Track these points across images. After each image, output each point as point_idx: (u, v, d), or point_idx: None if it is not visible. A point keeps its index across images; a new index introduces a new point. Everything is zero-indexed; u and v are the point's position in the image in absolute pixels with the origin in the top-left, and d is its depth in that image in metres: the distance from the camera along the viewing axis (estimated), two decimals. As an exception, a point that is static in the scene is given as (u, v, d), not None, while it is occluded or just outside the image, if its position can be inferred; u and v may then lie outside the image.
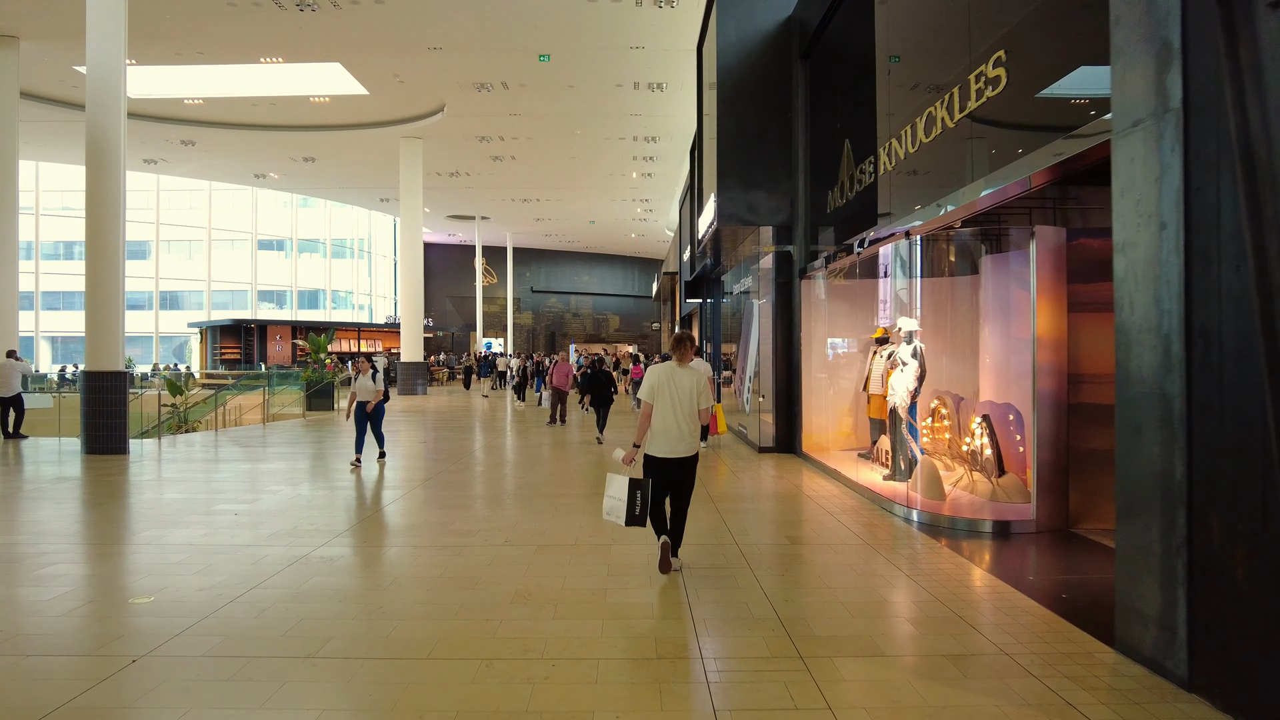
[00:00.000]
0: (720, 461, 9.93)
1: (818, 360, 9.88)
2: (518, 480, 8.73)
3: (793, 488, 8.04)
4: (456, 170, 29.27)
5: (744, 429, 11.72)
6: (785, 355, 10.30)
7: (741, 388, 11.72)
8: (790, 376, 10.23)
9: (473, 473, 9.21)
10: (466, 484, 8.42)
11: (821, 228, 9.67)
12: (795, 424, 10.11)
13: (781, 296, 10.32)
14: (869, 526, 6.24)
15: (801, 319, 9.86)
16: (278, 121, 24.28)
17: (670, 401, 4.71)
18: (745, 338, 11.55)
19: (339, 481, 8.54)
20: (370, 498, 7.60)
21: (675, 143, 25.18)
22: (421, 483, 8.44)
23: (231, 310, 36.14)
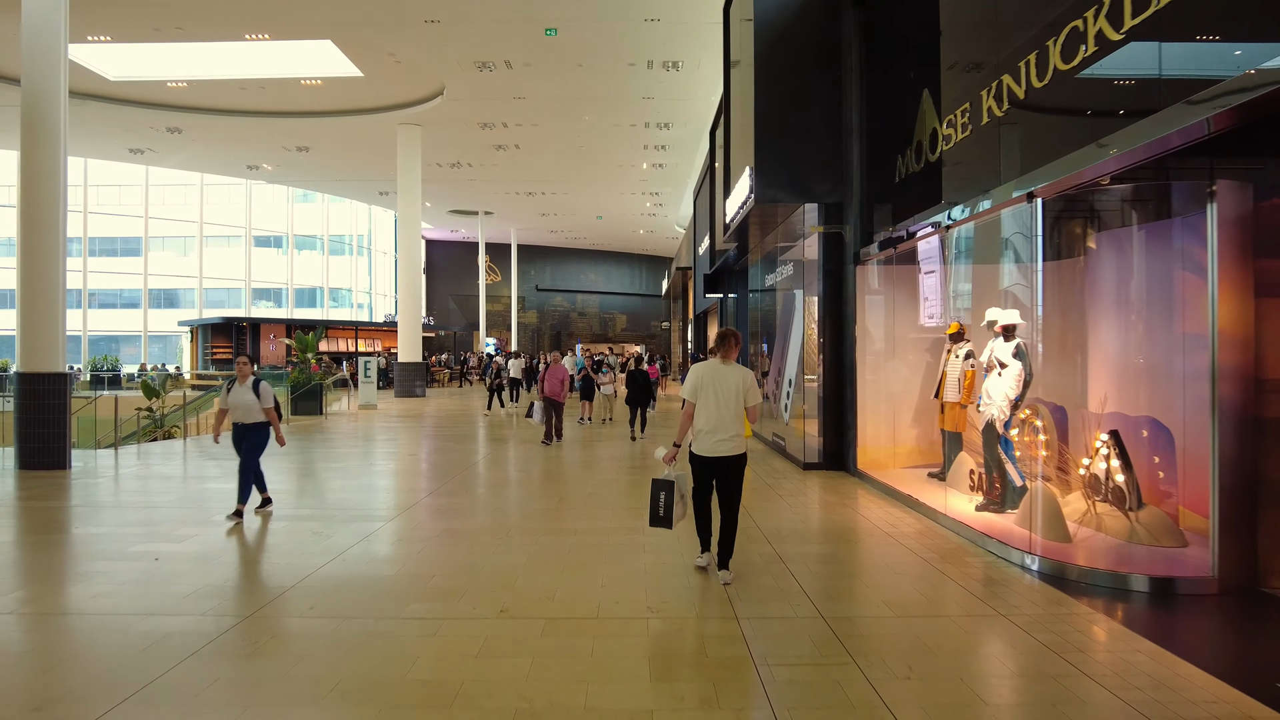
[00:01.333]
0: (758, 480, 8.41)
1: (876, 361, 8.36)
2: (519, 510, 7.23)
3: (860, 520, 6.51)
4: (458, 161, 27.82)
5: (781, 440, 10.20)
6: (835, 355, 8.78)
7: (779, 393, 10.19)
8: (841, 380, 8.71)
9: (463, 497, 7.71)
10: (455, 513, 6.92)
11: (881, 204, 8.15)
12: (848, 436, 8.58)
13: (830, 286, 8.80)
14: (984, 581, 4.72)
15: (856, 312, 8.34)
16: (268, 107, 22.87)
17: (715, 399, 4.57)
18: (783, 335, 10.02)
19: (305, 505, 7.06)
20: (344, 525, 6.12)
21: (689, 130, 23.67)
22: (402, 510, 6.95)
23: (227, 309, 34.81)
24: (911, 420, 8.14)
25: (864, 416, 8.31)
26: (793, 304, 9.63)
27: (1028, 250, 5.38)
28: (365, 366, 18.57)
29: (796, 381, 9.39)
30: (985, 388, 6.15)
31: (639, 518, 6.25)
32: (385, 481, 8.40)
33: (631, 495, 7.35)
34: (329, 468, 9.58)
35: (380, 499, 7.35)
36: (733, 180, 11.38)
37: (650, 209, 36.25)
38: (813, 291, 9.07)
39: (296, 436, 13.21)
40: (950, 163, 6.29)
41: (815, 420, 9.00)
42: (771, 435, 10.81)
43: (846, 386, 8.60)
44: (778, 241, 10.83)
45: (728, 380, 4.61)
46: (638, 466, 9.39)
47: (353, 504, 7.13)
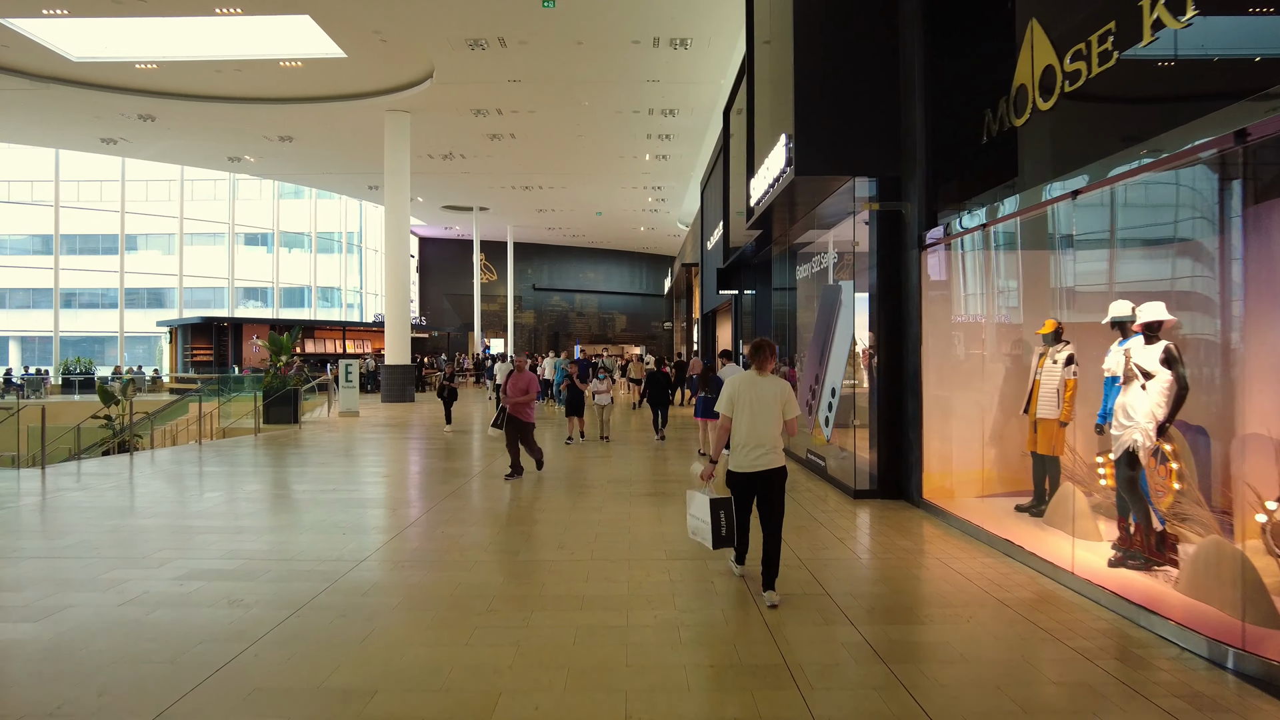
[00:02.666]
0: (800, 511, 6.93)
1: (946, 366, 6.89)
2: (510, 562, 5.73)
3: (953, 575, 5.03)
4: (450, 151, 26.35)
5: (819, 459, 8.71)
6: (892, 359, 7.31)
7: (816, 404, 8.71)
8: (900, 389, 7.23)
9: (438, 539, 6.23)
10: (424, 564, 5.43)
11: (954, 174, 6.69)
12: (909, 457, 7.10)
13: (886, 276, 7.32)
14: (1191, 698, 3.23)
15: (920, 307, 6.86)
16: (247, 93, 21.37)
17: (751, 412, 4.44)
18: (820, 336, 8.54)
19: (234, 554, 5.56)
20: (272, 588, 4.63)
21: (696, 119, 22.22)
22: (355, 563, 5.45)
23: (211, 310, 33.30)
24: (989, 439, 6.67)
25: (930, 434, 6.83)
26: (834, 299, 8.14)
27: (1206, 220, 3.89)
28: (347, 370, 17.05)
29: (839, 390, 7.91)
30: (1122, 404, 4.68)
31: (668, 584, 4.79)
32: (343, 516, 6.89)
33: (654, 546, 5.85)
34: (281, 495, 8.08)
35: (329, 544, 5.85)
36: (757, 160, 9.91)
37: (652, 204, 34.79)
38: (862, 284, 7.58)
39: (258, 451, 11.70)
40: (1074, 109, 4.81)
41: (865, 437, 7.52)
42: (806, 453, 9.32)
43: (907, 397, 7.12)
44: (813, 226, 9.35)
45: (765, 393, 4.47)
46: (658, 494, 7.90)
47: (294, 551, 5.63)
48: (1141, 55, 4.14)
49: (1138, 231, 5.11)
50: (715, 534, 4.54)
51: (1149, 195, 4.65)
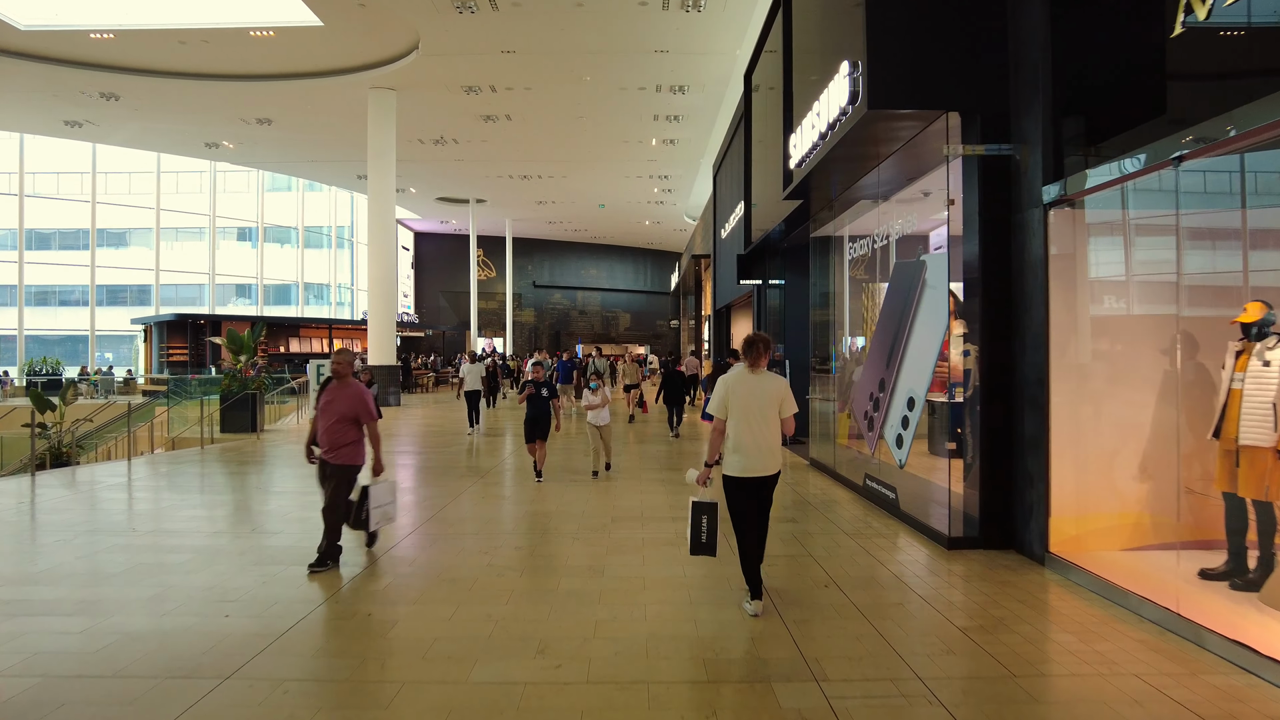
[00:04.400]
0: (868, 572, 5.05)
1: (1086, 369, 5.00)
2: (469, 664, 3.85)
3: (1138, 689, 3.18)
4: (442, 136, 24.48)
5: (886, 490, 6.79)
6: (1001, 359, 5.42)
7: (879, 417, 6.80)
8: (1014, 401, 5.35)
9: (373, 616, 4.34)
10: (348, 657, 3.55)
11: (1094, 103, 4.80)
12: (1027, 495, 5.21)
13: (990, 247, 5.43)
14: None
15: (1046, 289, 4.96)
16: (216, 69, 19.52)
17: (749, 412, 4.12)
18: (888, 329, 6.64)
19: (97, 639, 3.70)
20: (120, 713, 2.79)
21: (708, 97, 20.32)
22: (255, 651, 3.58)
23: (193, 307, 31.51)
24: (1151, 470, 4.76)
25: (1061, 462, 4.95)
26: (913, 280, 6.23)
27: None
28: (318, 372, 15.18)
29: (921, 399, 5.98)
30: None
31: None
32: (255, 576, 5.02)
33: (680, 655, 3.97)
34: (192, 538, 6.20)
35: (213, 638, 4.00)
36: (797, 112, 8.03)
37: (658, 195, 32.89)
38: (955, 261, 5.68)
39: (184, 470, 9.83)
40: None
41: (956, 464, 5.61)
42: (865, 479, 7.40)
43: (1024, 411, 5.23)
44: (873, 190, 7.44)
45: (760, 390, 4.18)
46: (673, 540, 6.01)
47: (175, 646, 3.77)
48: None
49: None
50: (694, 539, 4.23)
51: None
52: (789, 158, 8.21)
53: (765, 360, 4.28)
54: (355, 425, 5.26)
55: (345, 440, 5.20)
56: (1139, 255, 4.95)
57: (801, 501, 7.24)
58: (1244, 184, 4.31)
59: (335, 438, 5.18)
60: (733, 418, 4.15)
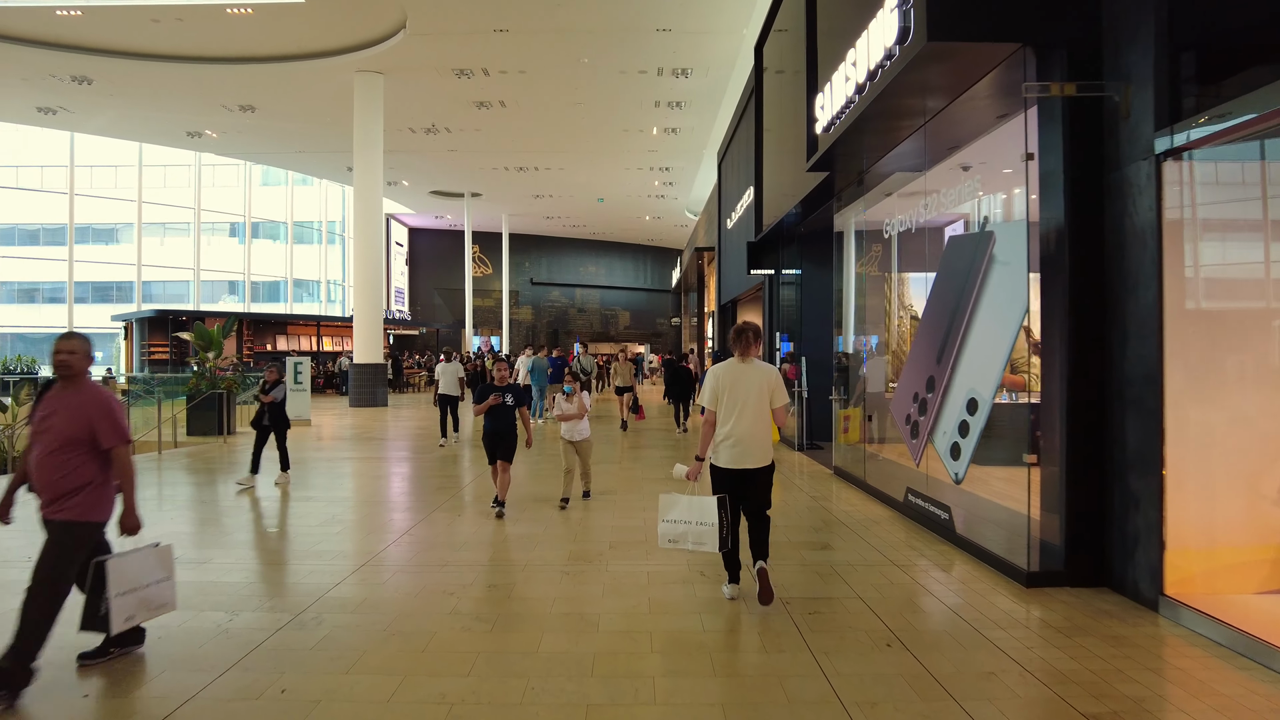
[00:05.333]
0: (940, 610, 3.99)
1: (1216, 365, 3.95)
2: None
3: None
4: (433, 124, 23.41)
5: (937, 509, 5.72)
6: (1093, 352, 4.37)
7: (931, 421, 5.73)
8: (1112, 404, 4.30)
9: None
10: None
11: (1223, 27, 3.75)
12: (1131, 521, 4.16)
13: (1079, 210, 4.39)
14: None
15: (1159, 261, 3.91)
16: (193, 50, 18.45)
17: (737, 403, 4.04)
18: (945, 316, 5.56)
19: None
20: None
21: (712, 80, 19.27)
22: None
23: (178, 304, 30.42)
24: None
25: (1180, 481, 3.89)
26: (973, 256, 5.15)
27: None
28: (296, 370, 14.11)
29: (986, 402, 4.91)
30: None
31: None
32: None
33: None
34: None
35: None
36: (823, 67, 6.99)
37: (659, 188, 31.85)
38: (1041, 223, 4.62)
39: (167, 476, 8.77)
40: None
41: (1032, 481, 4.54)
42: (906, 495, 6.33)
43: (1127, 417, 4.17)
44: (915, 156, 6.37)
45: (750, 381, 4.07)
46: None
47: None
48: None
49: None
50: (720, 534, 4.01)
51: None
52: (814, 122, 7.14)
53: (755, 350, 4.16)
54: (90, 455, 3.23)
55: (71, 482, 3.18)
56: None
57: (832, 521, 6.18)
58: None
59: (53, 476, 3.17)
60: (723, 409, 4.07)
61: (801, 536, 5.67)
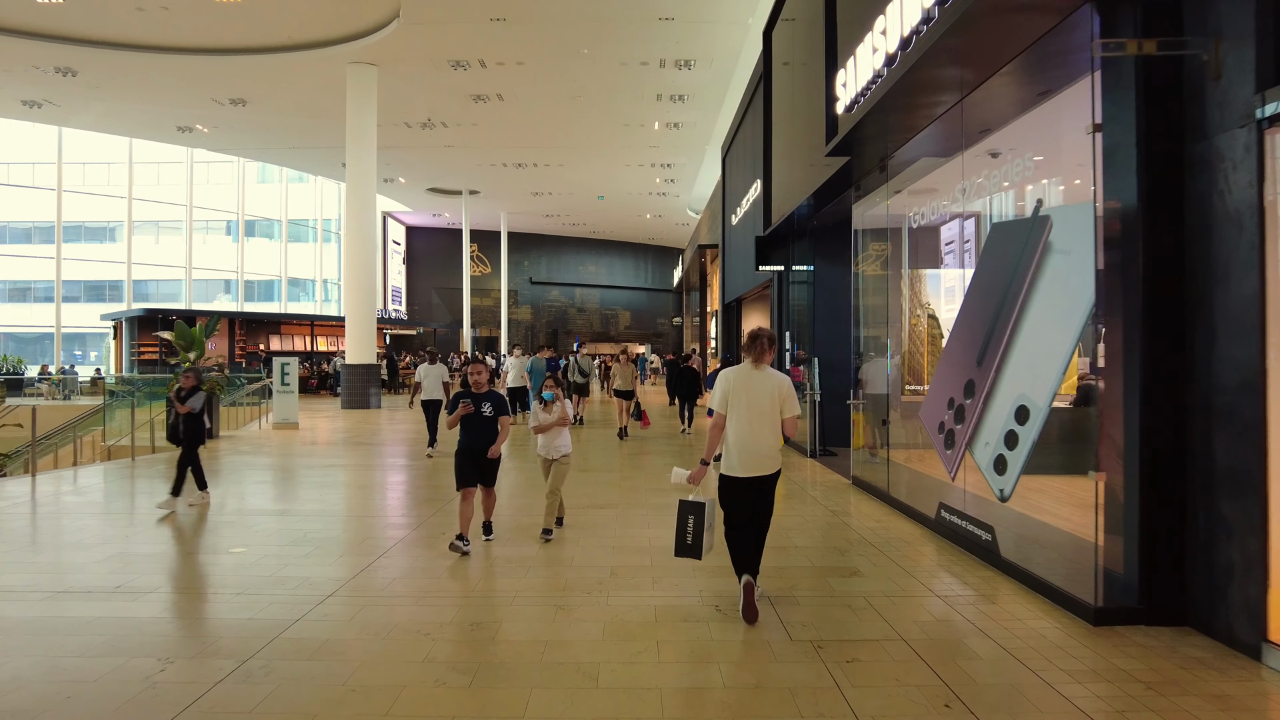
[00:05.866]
0: (978, 672, 3.41)
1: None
2: None
3: None
4: (429, 118, 22.82)
5: (978, 530, 5.11)
6: (1172, 351, 3.76)
7: (969, 429, 5.12)
8: (1205, 412, 3.69)
9: None
10: None
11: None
12: (1221, 551, 3.58)
13: (1155, 187, 3.78)
14: None
15: (1262, 245, 3.30)
16: (180, 41, 17.86)
17: (747, 410, 3.96)
18: (988, 312, 4.95)
19: None
20: None
21: (716, 73, 18.68)
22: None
23: (174, 302, 29.86)
24: None
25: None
26: (1021, 246, 4.55)
27: None
28: (283, 371, 13.51)
29: (1042, 410, 4.30)
30: None
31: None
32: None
33: None
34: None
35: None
36: (843, 37, 6.39)
37: (660, 186, 31.26)
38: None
39: (81, 492, 8.17)
40: None
41: (1096, 501, 3.94)
42: (939, 512, 5.73)
43: (1216, 431, 3.57)
44: (950, 140, 5.77)
45: (761, 388, 3.99)
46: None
47: None
48: None
49: None
50: (680, 540, 3.96)
51: None
52: (834, 102, 6.54)
53: (769, 357, 4.09)
54: None
55: None
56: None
57: (857, 540, 5.57)
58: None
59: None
60: (732, 415, 4.01)
61: (825, 560, 5.07)
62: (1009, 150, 4.93)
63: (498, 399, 5.33)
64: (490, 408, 5.25)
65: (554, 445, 5.60)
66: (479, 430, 5.21)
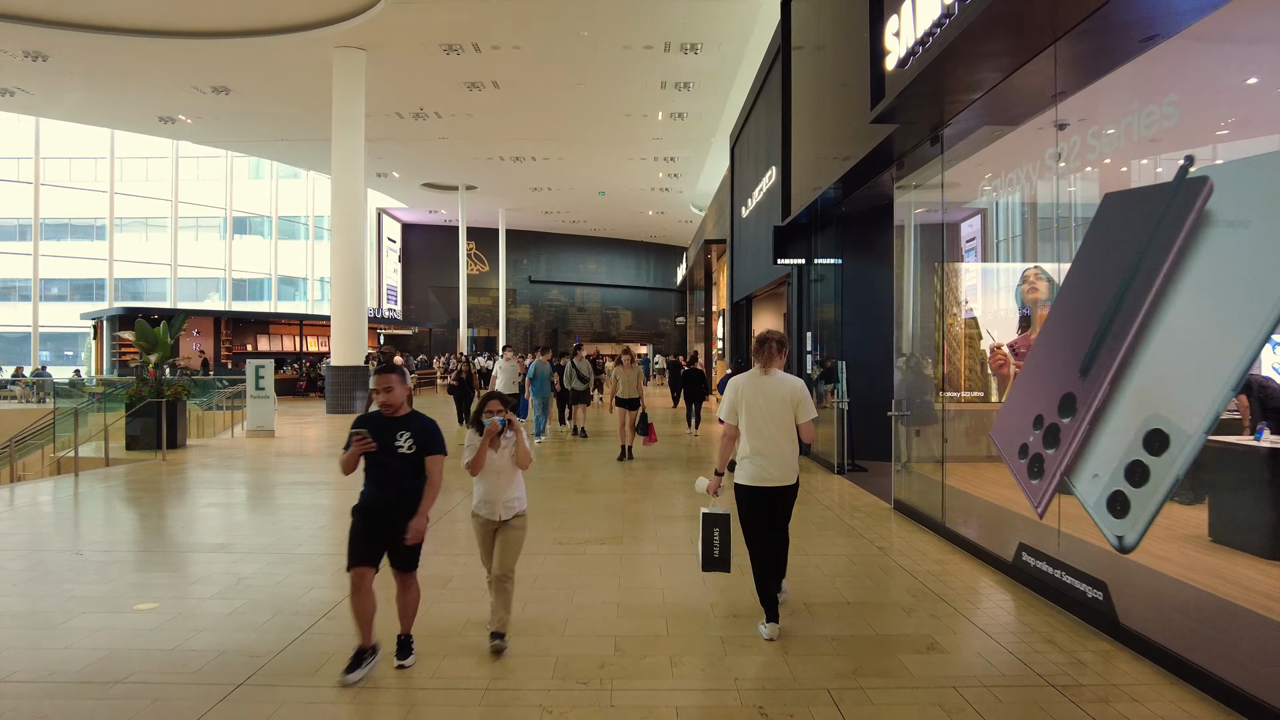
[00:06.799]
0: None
1: None
2: None
3: None
4: (421, 108, 21.78)
5: (1083, 584, 4.01)
6: None
7: (1062, 457, 4.02)
8: None
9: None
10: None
11: None
12: None
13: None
14: None
15: None
16: (156, 23, 16.80)
17: (760, 417, 3.81)
18: (1114, 304, 3.84)
19: None
20: None
21: (724, 57, 17.63)
22: None
23: (160, 301, 28.84)
24: None
25: None
26: (1154, 220, 3.47)
27: None
28: (258, 373, 12.46)
29: (1194, 442, 3.23)
30: None
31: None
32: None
33: None
34: None
35: None
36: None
37: (664, 181, 30.18)
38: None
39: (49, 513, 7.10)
40: None
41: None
42: (1020, 554, 4.65)
43: None
44: (1023, 102, 4.69)
45: (773, 393, 3.84)
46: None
47: None
48: None
49: None
50: (706, 554, 3.87)
51: None
52: (882, 57, 5.47)
53: (779, 361, 3.95)
54: None
55: None
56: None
57: (920, 592, 4.49)
58: None
59: None
60: (744, 423, 3.85)
61: (890, 623, 3.99)
62: (1131, 97, 3.84)
63: (423, 428, 3.40)
64: (410, 442, 3.34)
65: (502, 499, 3.61)
66: (390, 477, 3.35)
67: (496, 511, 3.62)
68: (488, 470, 3.61)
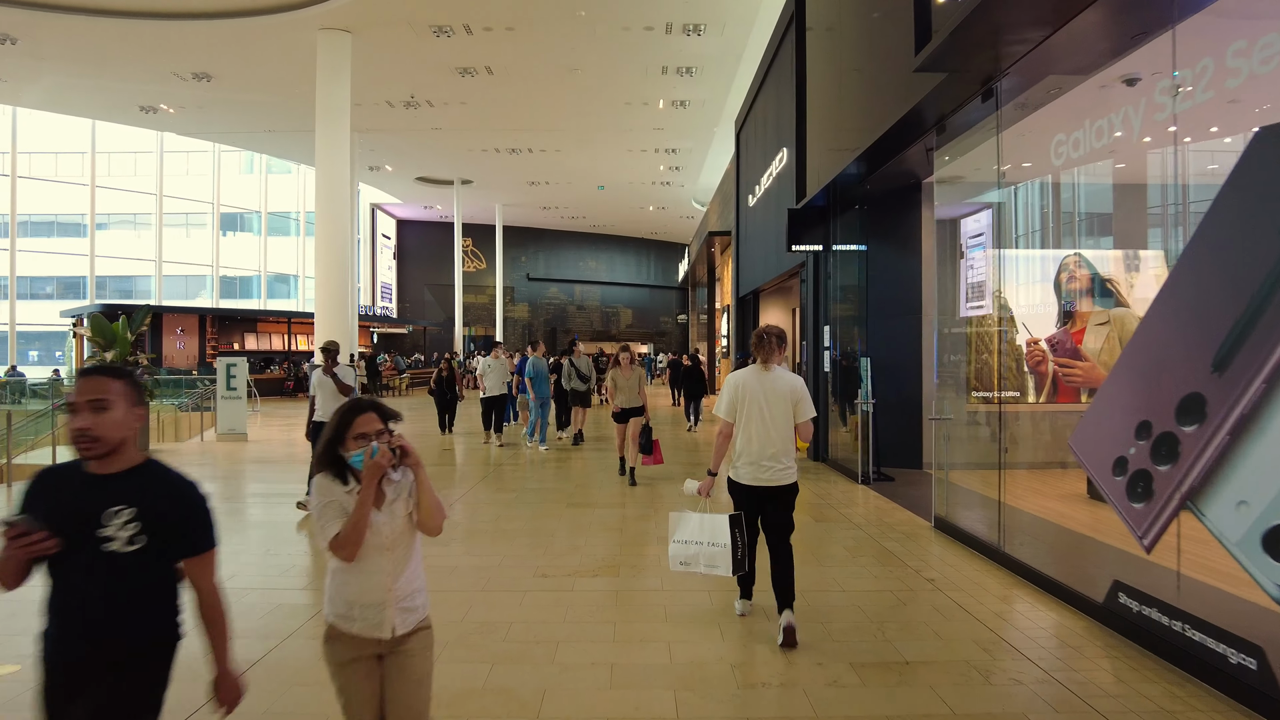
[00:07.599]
0: None
1: None
2: None
3: None
4: (412, 96, 20.85)
5: (1220, 645, 3.11)
6: None
7: (1180, 475, 3.11)
8: None
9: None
10: None
11: None
12: None
13: None
14: None
15: None
16: (130, 4, 15.90)
17: (759, 414, 3.71)
18: (1232, 304, 2.91)
19: None
20: None
21: (728, 39, 16.70)
22: None
23: (146, 299, 27.96)
24: None
25: None
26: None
27: None
28: (230, 373, 11.55)
29: None
30: None
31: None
32: None
33: None
34: None
35: None
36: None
37: (664, 174, 29.26)
38: None
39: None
40: None
41: None
42: (1116, 593, 3.74)
43: None
44: (1108, 31, 3.79)
45: (772, 391, 3.74)
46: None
47: None
48: None
49: None
50: (734, 556, 3.69)
51: None
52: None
53: (779, 357, 3.80)
54: None
55: None
56: None
57: (993, 643, 3.58)
58: None
59: None
60: (741, 421, 3.75)
61: (968, 699, 3.07)
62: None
63: (165, 497, 1.81)
64: (133, 528, 1.73)
65: (393, 598, 2.04)
66: (84, 603, 1.72)
67: (384, 623, 2.00)
68: (368, 547, 1.98)
